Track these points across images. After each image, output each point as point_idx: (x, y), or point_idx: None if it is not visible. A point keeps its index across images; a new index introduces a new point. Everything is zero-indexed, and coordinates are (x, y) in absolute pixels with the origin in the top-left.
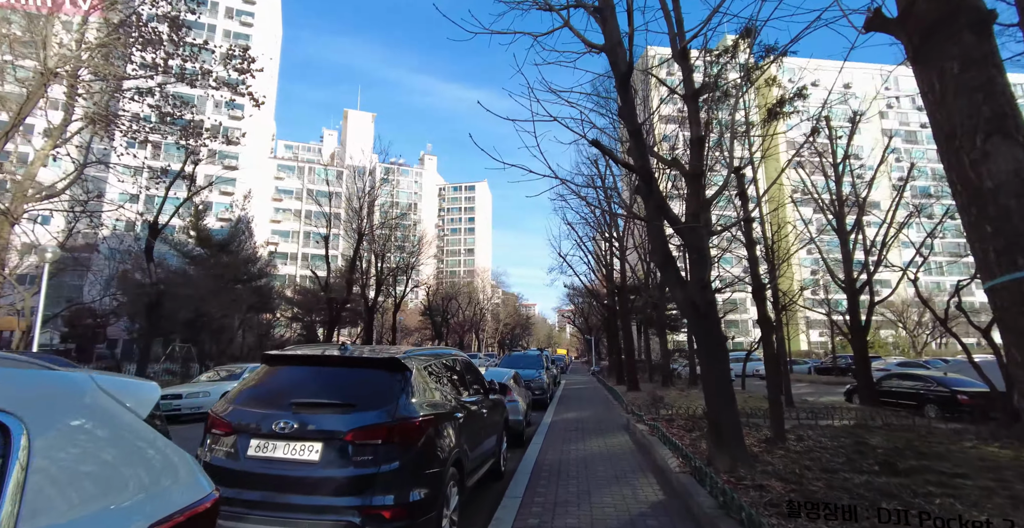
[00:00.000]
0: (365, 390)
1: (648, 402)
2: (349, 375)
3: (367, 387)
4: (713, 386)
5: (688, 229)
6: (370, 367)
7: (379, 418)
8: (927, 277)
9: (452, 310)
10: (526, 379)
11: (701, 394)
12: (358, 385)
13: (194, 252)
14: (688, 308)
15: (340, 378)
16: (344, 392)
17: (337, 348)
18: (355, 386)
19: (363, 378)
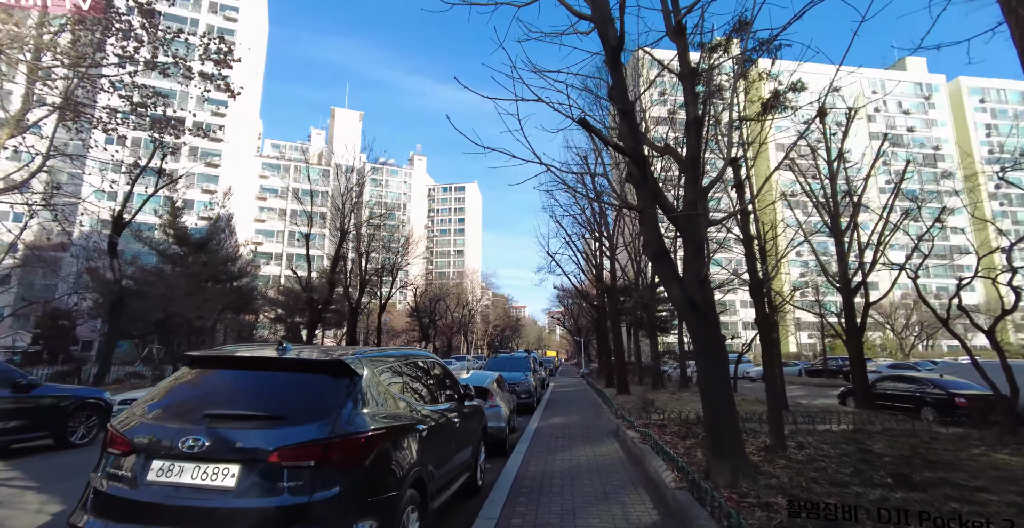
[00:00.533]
0: (301, 399)
1: (638, 406)
2: (284, 381)
3: (304, 396)
4: (711, 389)
5: (685, 219)
6: (310, 371)
7: (314, 434)
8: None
9: (440, 311)
10: (512, 382)
11: (693, 397)
12: (293, 393)
13: (170, 250)
14: (685, 306)
15: (272, 385)
16: (274, 402)
17: (275, 348)
18: (289, 394)
19: (300, 385)
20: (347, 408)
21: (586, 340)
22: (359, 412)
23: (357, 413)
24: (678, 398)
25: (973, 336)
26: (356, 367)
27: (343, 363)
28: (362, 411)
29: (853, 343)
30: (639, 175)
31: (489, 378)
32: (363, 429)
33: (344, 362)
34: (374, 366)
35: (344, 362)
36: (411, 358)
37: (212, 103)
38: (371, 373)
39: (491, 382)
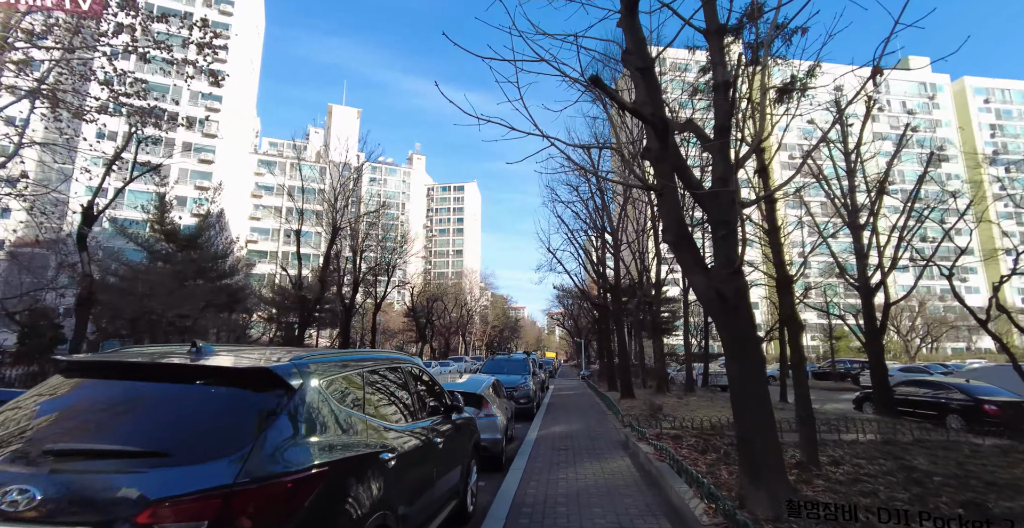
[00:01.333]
0: (201, 426)
1: (646, 412)
2: (184, 399)
3: (208, 420)
4: (745, 400)
5: (712, 198)
6: (223, 384)
7: (213, 478)
8: (907, 279)
9: (438, 311)
10: (510, 386)
11: (701, 402)
12: (192, 417)
13: (156, 246)
14: (712, 300)
15: (166, 404)
16: (160, 430)
17: (187, 349)
18: (186, 419)
19: (206, 404)
20: (271, 437)
21: (586, 341)
22: (293, 442)
23: (288, 443)
24: (686, 403)
25: (978, 339)
26: (291, 377)
27: (269, 373)
28: (298, 440)
29: (873, 346)
30: (658, 146)
31: (484, 383)
32: (294, 467)
33: (271, 371)
34: (323, 375)
35: (271, 371)
36: (380, 364)
37: (206, 98)
38: (317, 385)
39: (486, 388)
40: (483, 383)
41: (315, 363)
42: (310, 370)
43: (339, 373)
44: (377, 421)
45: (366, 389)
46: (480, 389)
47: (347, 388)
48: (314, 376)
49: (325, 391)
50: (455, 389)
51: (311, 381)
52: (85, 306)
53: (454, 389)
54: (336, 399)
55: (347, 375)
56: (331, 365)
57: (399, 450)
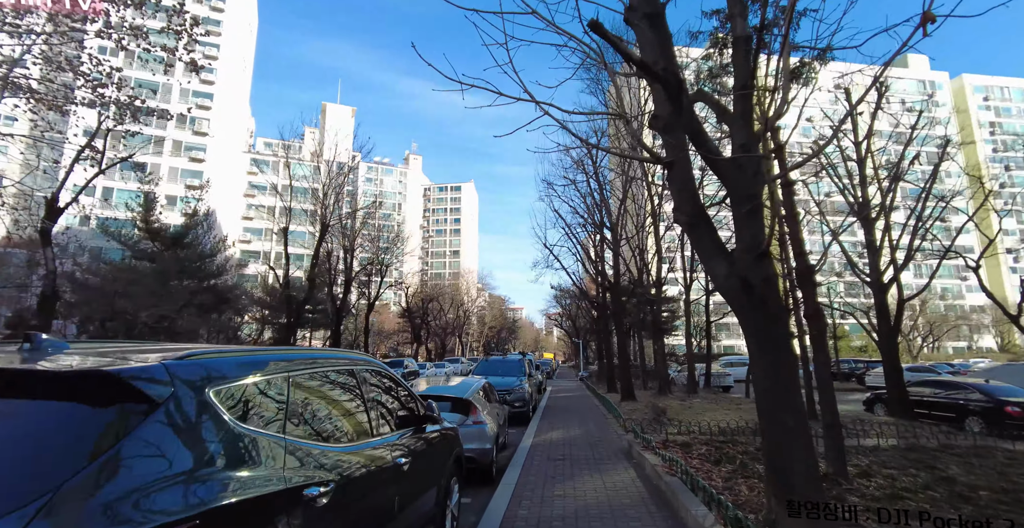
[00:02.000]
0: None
1: (649, 416)
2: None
3: (9, 448)
4: (776, 409)
5: (734, 167)
6: (38, 396)
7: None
8: (907, 278)
9: (434, 312)
10: (503, 389)
11: (705, 405)
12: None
13: (140, 245)
14: (735, 290)
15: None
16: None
17: (19, 346)
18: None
19: (17, 425)
20: (107, 477)
21: (584, 342)
22: (147, 484)
23: (138, 486)
24: (689, 405)
25: (979, 338)
26: (153, 385)
27: (113, 379)
28: (154, 481)
29: (887, 345)
30: (670, 110)
31: (472, 387)
32: (129, 522)
33: (116, 377)
34: (216, 383)
35: (116, 377)
36: (322, 366)
37: (197, 96)
38: (204, 397)
39: (475, 392)
40: (471, 387)
41: (203, 365)
42: (193, 376)
43: (246, 379)
44: (307, 443)
45: (294, 400)
46: (468, 393)
47: (260, 400)
48: (200, 384)
49: (218, 405)
50: (439, 393)
51: (190, 391)
52: (49, 304)
53: (438, 393)
54: (237, 416)
55: (261, 382)
56: (235, 368)
57: (339, 480)
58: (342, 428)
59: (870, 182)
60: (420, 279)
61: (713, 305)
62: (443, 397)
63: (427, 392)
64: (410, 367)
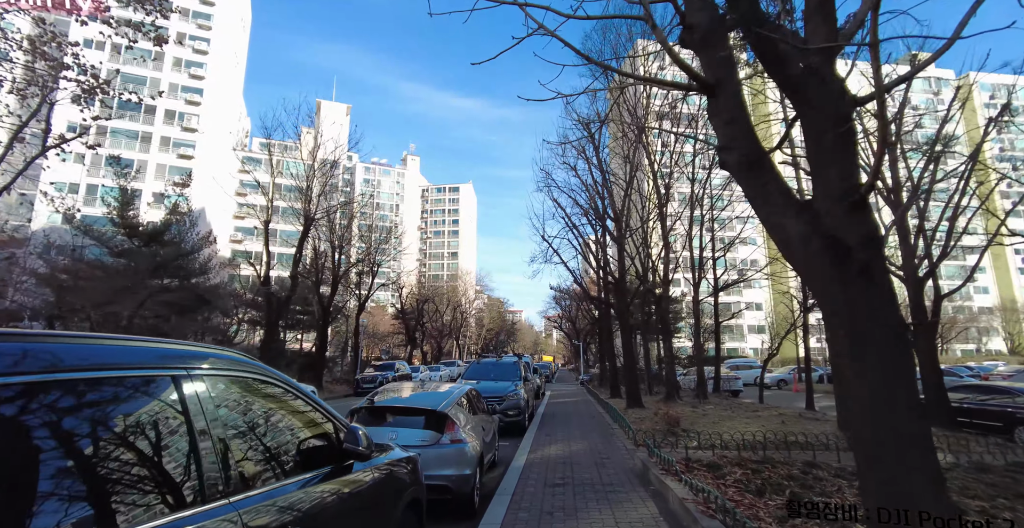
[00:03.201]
0: None
1: (661, 427)
2: None
3: None
4: (887, 438)
5: (815, 81)
6: None
7: None
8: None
9: (430, 313)
10: (496, 396)
11: (721, 412)
12: None
13: (114, 241)
14: (818, 256)
15: None
16: None
17: None
18: None
19: None
20: None
21: (584, 344)
22: None
23: None
24: (703, 413)
25: (988, 340)
26: None
27: None
28: None
29: (925, 345)
30: (712, 15)
31: (450, 396)
32: None
33: None
34: None
35: None
36: (146, 372)
37: (186, 91)
38: None
39: (453, 403)
40: (448, 396)
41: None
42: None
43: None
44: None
45: (71, 441)
46: (443, 405)
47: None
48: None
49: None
50: (406, 405)
51: None
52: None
53: (404, 405)
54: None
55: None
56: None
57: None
58: (177, 480)
59: (900, 159)
60: (417, 280)
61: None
62: (410, 410)
63: (387, 403)
64: (402, 370)
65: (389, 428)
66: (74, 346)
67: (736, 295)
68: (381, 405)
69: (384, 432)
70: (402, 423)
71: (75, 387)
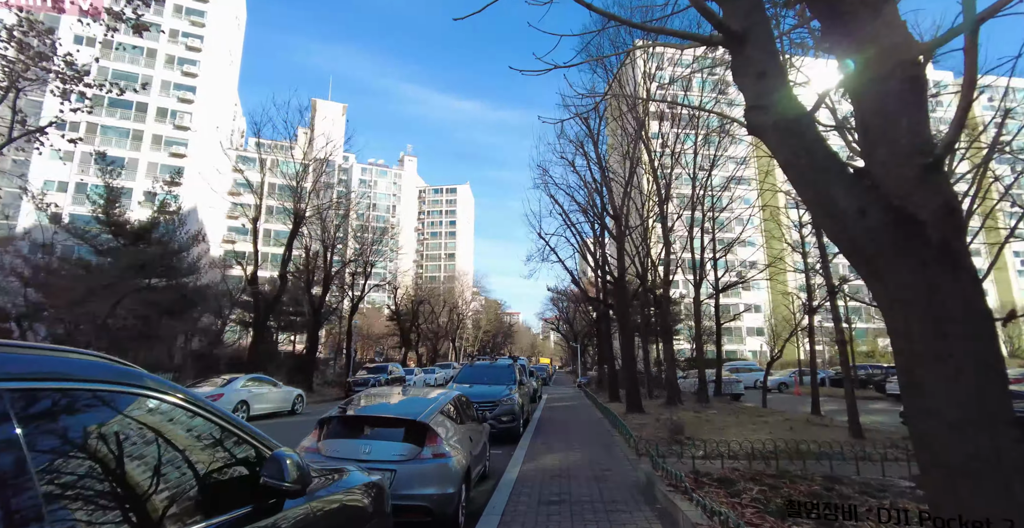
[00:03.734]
0: None
1: (665, 435)
2: None
3: None
4: (990, 446)
5: (870, 14)
6: None
7: None
8: None
9: (425, 314)
10: (488, 401)
11: (724, 417)
12: None
13: (98, 240)
14: (882, 227)
15: None
16: None
17: None
18: None
19: None
20: None
21: (582, 346)
22: None
23: None
24: (707, 419)
25: None
26: None
27: None
28: None
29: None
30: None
31: (433, 404)
32: None
33: None
34: None
35: None
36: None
37: (179, 89)
38: None
39: (436, 411)
40: (431, 404)
41: None
42: None
43: None
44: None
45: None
46: (424, 414)
47: None
48: None
49: None
50: (381, 414)
51: None
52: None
53: (379, 414)
54: None
55: None
56: None
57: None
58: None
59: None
60: (414, 281)
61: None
62: (388, 420)
63: (362, 413)
64: (395, 373)
65: (363, 441)
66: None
67: (735, 297)
68: (355, 414)
69: (357, 446)
70: (378, 435)
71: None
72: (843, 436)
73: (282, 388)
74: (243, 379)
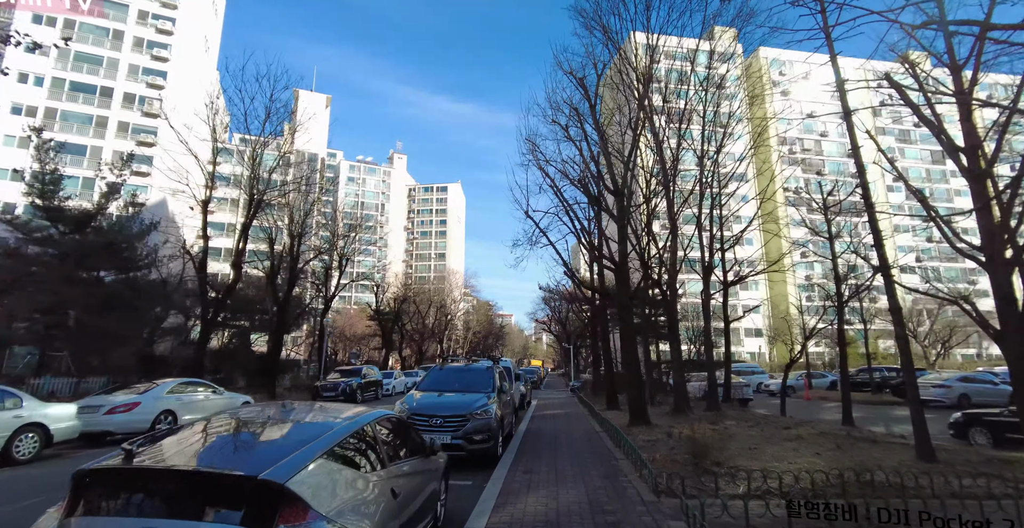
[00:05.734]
0: None
1: (683, 457)
2: None
3: None
4: None
5: None
6: None
7: None
8: (926, 284)
9: (410, 313)
10: (455, 416)
11: (746, 430)
12: None
13: (30, 226)
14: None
15: None
16: None
17: None
18: None
19: None
20: None
21: (575, 347)
22: None
23: None
24: (728, 433)
25: (989, 345)
26: None
27: None
28: None
29: (1017, 344)
30: None
31: (321, 439)
32: None
33: None
34: None
35: None
36: None
37: (148, 73)
38: None
39: (315, 456)
40: (311, 441)
41: None
42: None
43: None
44: None
45: None
46: (280, 465)
47: None
48: None
49: None
50: (177, 466)
51: None
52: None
53: (173, 466)
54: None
55: None
56: None
57: None
58: None
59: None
60: (403, 281)
61: (714, 302)
62: (204, 478)
63: (163, 464)
64: (371, 376)
65: (150, 521)
66: None
67: (733, 298)
68: (144, 467)
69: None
70: (181, 509)
71: None
72: (908, 456)
73: (224, 395)
74: (170, 384)
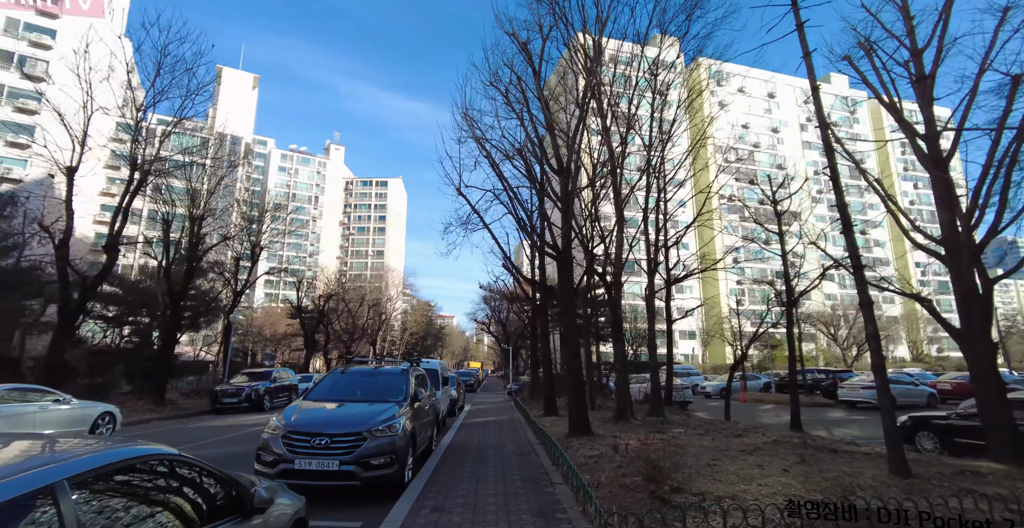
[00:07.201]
0: None
1: (635, 480)
2: None
3: None
4: None
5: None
6: None
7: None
8: (841, 290)
9: (339, 312)
10: (347, 434)
11: (702, 440)
12: None
13: None
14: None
15: None
16: None
17: None
18: None
19: None
20: None
21: (514, 348)
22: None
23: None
24: (679, 443)
25: (895, 348)
26: None
27: None
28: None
29: (979, 347)
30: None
31: None
32: None
33: None
34: None
35: None
36: None
37: (30, 30)
38: None
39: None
40: None
41: None
42: None
43: None
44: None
45: None
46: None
47: None
48: None
49: None
50: None
51: None
52: None
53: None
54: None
55: None
56: None
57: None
58: None
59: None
60: (337, 279)
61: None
62: None
63: None
64: (283, 379)
65: None
66: None
67: (677, 299)
68: None
69: None
70: None
71: None
72: (880, 470)
73: (74, 404)
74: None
